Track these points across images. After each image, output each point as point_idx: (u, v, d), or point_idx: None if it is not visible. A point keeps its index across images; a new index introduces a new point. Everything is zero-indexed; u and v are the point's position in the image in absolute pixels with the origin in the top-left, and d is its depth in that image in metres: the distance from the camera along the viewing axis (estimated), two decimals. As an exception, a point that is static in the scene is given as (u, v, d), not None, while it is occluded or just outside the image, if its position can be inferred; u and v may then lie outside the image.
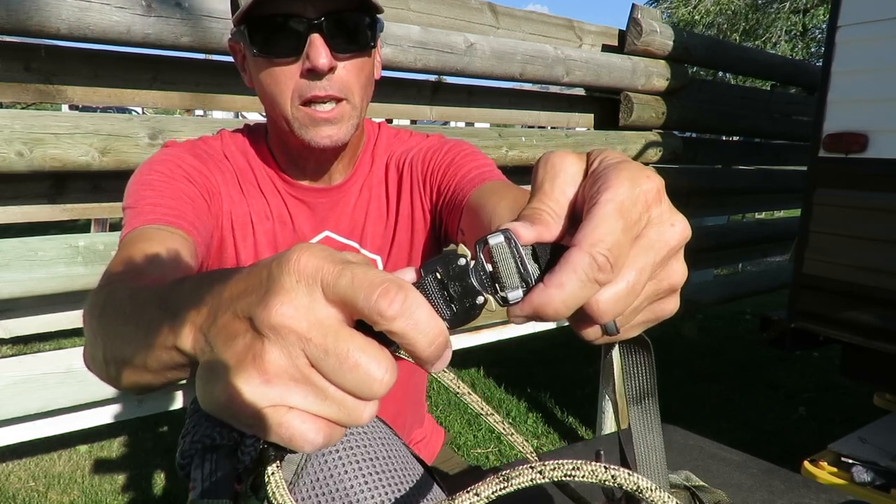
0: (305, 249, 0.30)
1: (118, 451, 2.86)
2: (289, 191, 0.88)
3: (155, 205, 0.73)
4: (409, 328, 0.29)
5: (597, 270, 0.31)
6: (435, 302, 0.32)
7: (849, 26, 2.31)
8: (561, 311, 0.32)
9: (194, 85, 1.79)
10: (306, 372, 0.30)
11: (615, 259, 0.31)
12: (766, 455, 1.06)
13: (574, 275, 0.31)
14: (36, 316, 1.67)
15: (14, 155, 1.39)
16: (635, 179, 0.33)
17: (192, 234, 0.73)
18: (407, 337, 0.29)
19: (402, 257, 0.92)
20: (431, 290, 0.32)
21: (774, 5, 12.55)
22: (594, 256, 0.31)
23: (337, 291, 0.29)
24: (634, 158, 2.87)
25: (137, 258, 0.64)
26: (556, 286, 0.31)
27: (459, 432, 3.12)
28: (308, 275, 0.29)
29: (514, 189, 0.75)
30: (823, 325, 2.42)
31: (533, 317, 0.32)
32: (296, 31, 0.74)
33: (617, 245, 0.31)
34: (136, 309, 0.46)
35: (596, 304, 0.32)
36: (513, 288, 0.32)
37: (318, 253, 0.30)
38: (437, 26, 2.11)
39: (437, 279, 0.32)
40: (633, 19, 2.71)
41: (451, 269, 0.32)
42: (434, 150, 0.90)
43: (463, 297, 0.32)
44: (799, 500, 0.91)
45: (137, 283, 0.53)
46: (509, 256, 0.33)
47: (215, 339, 0.33)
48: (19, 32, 1.37)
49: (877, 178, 2.25)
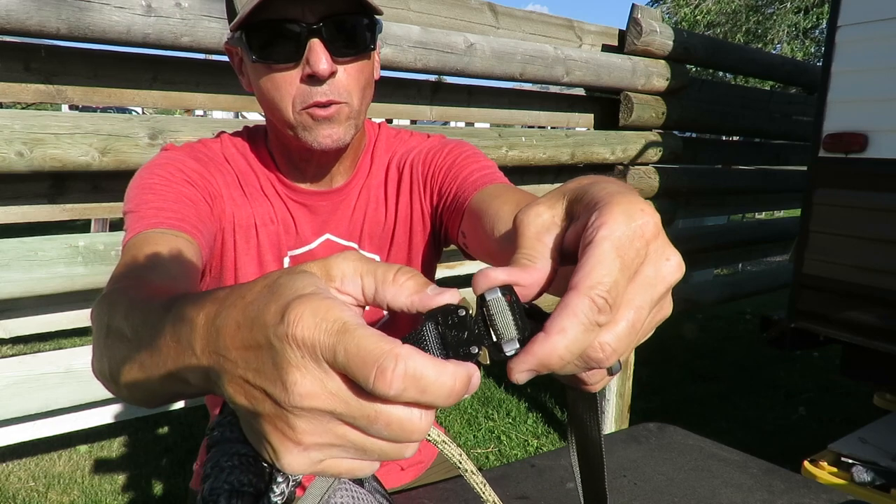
0: (299, 313, 0.29)
1: (118, 451, 2.86)
2: (290, 194, 0.88)
3: (157, 208, 0.73)
4: (418, 396, 0.28)
5: (597, 313, 0.30)
6: (431, 350, 0.32)
7: (849, 26, 2.31)
8: (565, 359, 0.31)
9: (194, 85, 1.79)
10: (341, 432, 0.30)
11: (614, 300, 0.31)
12: (766, 455, 1.06)
13: (575, 318, 0.30)
14: (36, 316, 1.67)
15: (14, 155, 1.39)
16: (631, 214, 0.32)
17: (196, 236, 0.73)
18: (421, 403, 0.29)
19: (401, 257, 0.92)
20: (429, 337, 0.32)
21: (775, 5, 12.55)
22: (593, 299, 0.30)
23: (338, 367, 0.29)
24: (634, 158, 2.89)
25: (142, 264, 0.64)
26: (559, 332, 0.30)
27: (459, 432, 3.12)
28: (308, 347, 0.29)
29: (517, 192, 0.75)
30: (823, 325, 2.42)
31: (537, 369, 0.31)
32: (295, 36, 0.73)
33: (615, 286, 0.31)
34: (143, 334, 0.45)
35: (601, 348, 0.31)
36: (509, 339, 0.32)
37: (311, 320, 0.29)
38: (437, 26, 2.11)
39: (437, 327, 0.32)
40: (633, 19, 2.71)
41: (450, 319, 0.32)
42: (435, 150, 0.90)
43: (458, 346, 0.32)
44: (799, 500, 0.91)
45: (143, 293, 0.53)
46: (505, 308, 0.32)
47: (234, 395, 0.33)
48: (19, 32, 1.37)
49: (877, 178, 2.25)
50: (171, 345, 0.39)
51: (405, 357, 0.28)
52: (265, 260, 0.87)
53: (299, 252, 0.89)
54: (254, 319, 0.31)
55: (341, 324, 0.29)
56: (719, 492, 0.93)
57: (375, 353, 0.28)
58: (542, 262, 0.35)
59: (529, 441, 3.04)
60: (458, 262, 2.31)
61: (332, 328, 0.29)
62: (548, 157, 2.50)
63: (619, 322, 0.31)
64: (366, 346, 0.28)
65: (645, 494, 0.92)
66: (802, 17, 12.12)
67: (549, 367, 0.31)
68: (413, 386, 0.28)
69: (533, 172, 2.66)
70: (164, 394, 0.44)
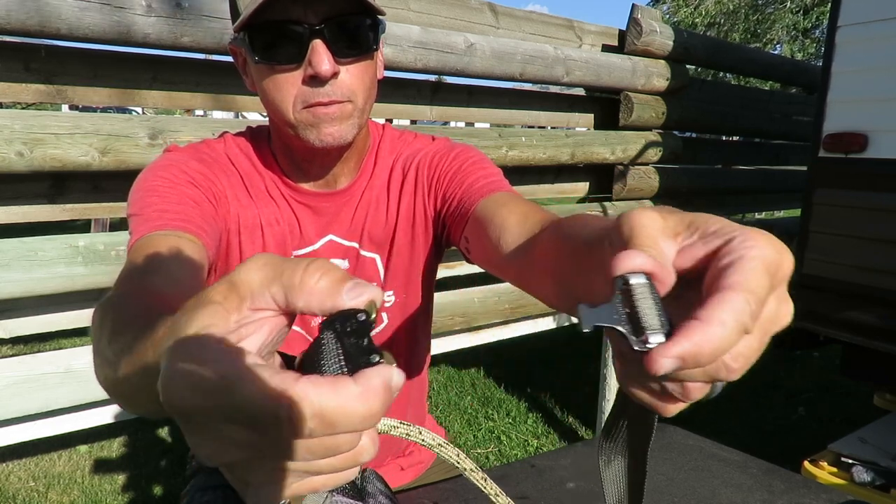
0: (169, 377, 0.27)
1: (118, 451, 2.86)
2: (294, 195, 0.88)
3: (162, 210, 0.72)
4: (330, 431, 0.27)
5: (749, 317, 0.29)
6: (329, 365, 0.29)
7: (849, 26, 2.31)
8: (718, 353, 0.29)
9: (194, 85, 1.79)
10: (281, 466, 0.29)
11: (761, 314, 0.29)
12: (766, 455, 1.06)
13: (735, 314, 0.28)
14: (36, 316, 1.67)
15: (14, 155, 1.39)
16: (777, 247, 0.31)
17: (201, 235, 0.73)
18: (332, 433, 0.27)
19: (402, 258, 0.92)
20: (329, 349, 0.30)
21: (774, 5, 12.55)
22: (750, 303, 0.29)
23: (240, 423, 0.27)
24: (634, 158, 2.89)
25: (145, 267, 0.64)
26: (719, 323, 0.28)
27: (459, 432, 3.12)
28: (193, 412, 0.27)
29: (522, 202, 0.75)
30: (823, 325, 2.42)
31: (685, 358, 0.29)
32: (297, 37, 0.73)
33: (761, 301, 0.29)
34: (123, 361, 0.45)
35: (735, 357, 0.30)
36: (653, 330, 0.30)
37: (183, 382, 0.27)
38: (437, 26, 2.11)
39: (335, 337, 0.30)
40: (633, 19, 2.71)
41: (349, 325, 0.30)
42: (441, 154, 0.89)
43: (359, 355, 0.29)
44: (799, 500, 0.91)
45: (135, 306, 0.53)
46: (649, 297, 0.30)
47: None
48: (19, 32, 1.37)
49: (877, 178, 2.25)
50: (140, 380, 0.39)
51: (300, 399, 0.26)
52: None
53: (303, 252, 0.89)
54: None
55: (219, 381, 0.26)
56: (719, 492, 0.93)
57: (270, 406, 0.26)
58: (669, 264, 0.32)
59: (529, 441, 3.04)
60: (458, 262, 2.31)
61: (211, 388, 0.27)
62: (548, 157, 2.50)
63: (753, 337, 0.30)
64: (256, 401, 0.26)
65: (645, 494, 0.92)
66: (802, 18, 12.12)
67: (698, 361, 0.29)
68: (320, 425, 0.26)
69: (533, 172, 2.66)
70: (158, 412, 0.44)
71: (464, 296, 2.32)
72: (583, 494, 0.92)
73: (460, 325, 2.30)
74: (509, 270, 0.70)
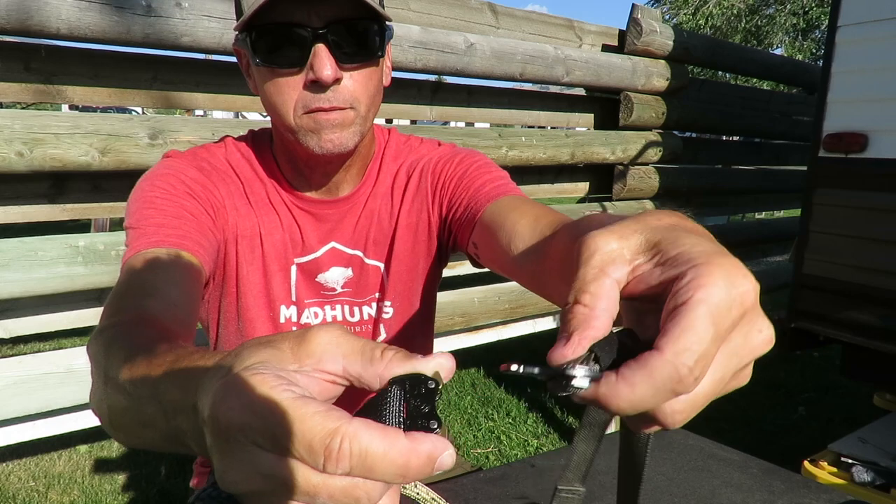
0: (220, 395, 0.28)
1: (118, 451, 2.86)
2: (296, 202, 0.86)
3: (158, 225, 0.72)
4: (365, 473, 0.27)
5: (676, 382, 0.28)
6: (390, 416, 0.31)
7: (849, 26, 2.31)
8: (623, 410, 0.29)
9: (194, 85, 1.79)
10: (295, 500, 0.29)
11: (700, 373, 0.29)
12: (766, 455, 1.06)
13: (650, 381, 0.28)
14: (36, 316, 1.67)
15: (14, 155, 1.39)
16: (732, 279, 0.29)
17: (198, 253, 0.72)
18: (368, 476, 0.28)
19: (404, 265, 0.91)
20: (393, 402, 0.31)
21: (774, 6, 12.55)
22: (678, 368, 0.28)
23: (280, 451, 0.28)
24: (634, 158, 2.89)
25: (141, 290, 0.63)
26: (628, 385, 0.29)
27: (459, 432, 3.12)
28: (235, 431, 0.28)
29: (531, 205, 0.74)
30: (823, 325, 2.42)
31: (595, 404, 0.30)
32: (300, 40, 0.71)
33: (704, 357, 0.28)
34: (143, 394, 0.44)
35: (669, 413, 0.30)
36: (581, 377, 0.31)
37: (235, 401, 0.28)
38: (437, 26, 2.11)
39: (403, 394, 0.31)
40: (633, 19, 2.71)
41: (417, 389, 0.31)
42: (446, 160, 0.88)
43: (418, 417, 0.31)
44: (799, 500, 0.91)
45: (141, 336, 0.52)
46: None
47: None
48: (19, 32, 1.37)
49: (877, 178, 2.25)
50: (163, 417, 0.39)
51: (351, 435, 0.27)
52: (270, 269, 0.86)
53: (305, 260, 0.88)
54: (193, 406, 0.32)
55: (276, 404, 0.27)
56: (719, 492, 0.93)
57: (322, 434, 0.27)
58: (604, 301, 0.32)
59: (529, 441, 3.04)
60: (459, 262, 2.31)
61: (265, 408, 0.27)
62: (548, 157, 2.50)
63: (697, 392, 0.30)
64: (310, 427, 0.27)
65: (645, 494, 0.92)
66: (801, 19, 12.12)
67: (606, 409, 0.30)
68: (360, 464, 0.27)
69: (533, 172, 2.66)
70: (167, 449, 0.44)
71: (464, 296, 2.32)
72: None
73: (460, 325, 2.30)
74: (522, 274, 0.69)
